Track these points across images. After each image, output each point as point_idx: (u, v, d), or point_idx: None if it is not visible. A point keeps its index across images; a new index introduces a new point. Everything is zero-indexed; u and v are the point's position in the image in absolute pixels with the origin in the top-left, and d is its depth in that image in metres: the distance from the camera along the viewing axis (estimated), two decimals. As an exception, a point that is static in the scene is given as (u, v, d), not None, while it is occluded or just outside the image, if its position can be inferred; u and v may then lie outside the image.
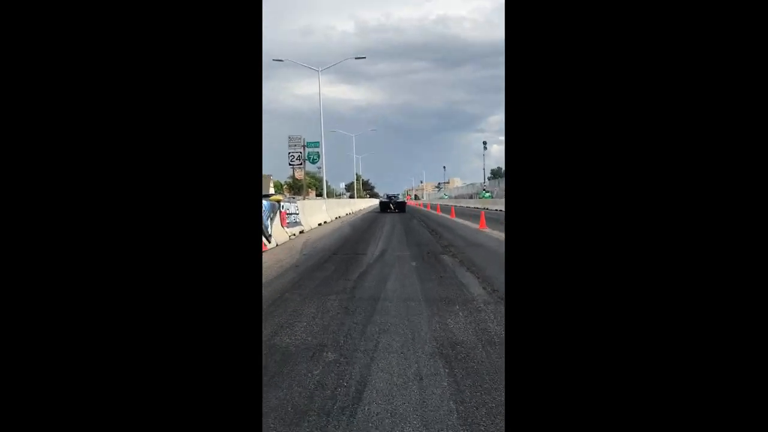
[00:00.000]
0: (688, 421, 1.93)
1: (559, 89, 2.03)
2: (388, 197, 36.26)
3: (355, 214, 30.61)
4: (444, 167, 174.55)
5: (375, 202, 64.10)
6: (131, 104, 2.03)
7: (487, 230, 14.87)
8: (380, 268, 7.77)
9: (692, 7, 1.99)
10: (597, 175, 2.04)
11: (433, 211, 33.52)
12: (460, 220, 20.84)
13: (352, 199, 44.12)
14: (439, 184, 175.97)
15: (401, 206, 33.23)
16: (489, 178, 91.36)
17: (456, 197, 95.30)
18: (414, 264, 8.26)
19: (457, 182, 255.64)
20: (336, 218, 23.72)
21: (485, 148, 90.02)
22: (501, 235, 12.69)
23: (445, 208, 39.07)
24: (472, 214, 26.09)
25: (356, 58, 37.17)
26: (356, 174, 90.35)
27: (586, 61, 2.03)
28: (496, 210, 34.16)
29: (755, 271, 1.92)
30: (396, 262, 8.45)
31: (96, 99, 2.00)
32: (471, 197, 75.03)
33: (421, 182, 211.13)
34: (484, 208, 36.62)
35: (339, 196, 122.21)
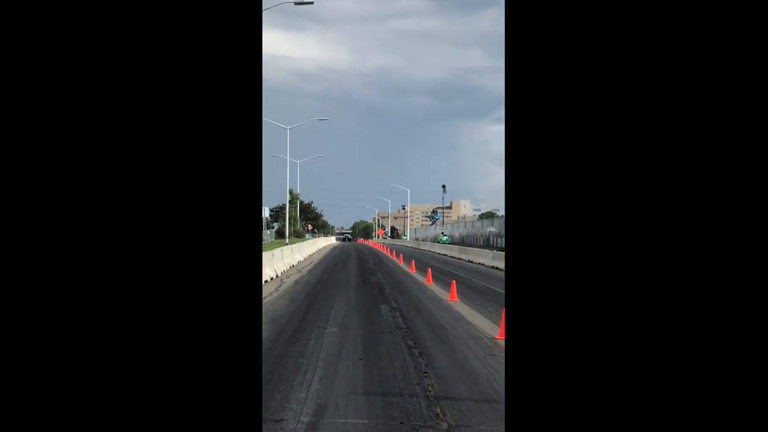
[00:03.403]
0: (683, 423, 2.14)
1: (565, 90, 2.25)
2: (344, 237, 35.65)
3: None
4: (443, 186, 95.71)
5: (327, 243, 57.28)
6: (136, 114, 2.29)
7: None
8: None
9: (691, 8, 2.19)
10: (599, 179, 2.25)
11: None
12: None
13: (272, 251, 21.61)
14: (435, 210, 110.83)
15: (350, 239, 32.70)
16: None
17: (464, 237, 68.71)
18: None
19: (465, 207, 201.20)
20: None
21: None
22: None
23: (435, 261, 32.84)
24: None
25: (298, 3, 26.60)
26: (291, 192, 61.17)
27: (589, 62, 2.24)
28: (491, 267, 28.43)
29: (756, 284, 2.13)
30: None
31: (97, 109, 2.27)
32: (489, 241, 55.89)
33: (403, 207, 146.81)
34: (467, 260, 31.03)
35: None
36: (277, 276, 19.60)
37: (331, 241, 73.33)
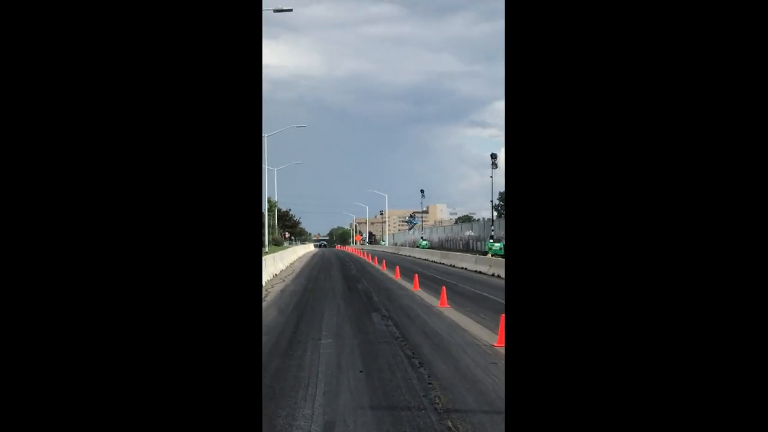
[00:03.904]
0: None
1: (566, 90, 2.25)
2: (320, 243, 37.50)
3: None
4: (422, 191, 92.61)
5: (307, 251, 57.16)
6: (138, 118, 2.32)
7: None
8: None
9: (690, 10, 2.18)
10: (601, 182, 2.24)
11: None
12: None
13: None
14: (412, 214, 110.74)
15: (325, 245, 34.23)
16: (496, 206, 61.50)
17: (443, 241, 68.94)
18: None
19: (442, 211, 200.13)
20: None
21: (494, 162, 49.62)
22: None
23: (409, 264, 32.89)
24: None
25: (277, 11, 27.11)
26: (269, 201, 61.67)
27: (588, 63, 2.25)
28: (494, 274, 28.52)
29: (756, 286, 2.13)
30: None
31: (97, 117, 2.29)
32: (468, 245, 55.38)
33: (381, 212, 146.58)
34: (449, 265, 31.07)
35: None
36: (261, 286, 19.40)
37: (310, 248, 73.57)
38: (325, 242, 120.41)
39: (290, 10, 26.58)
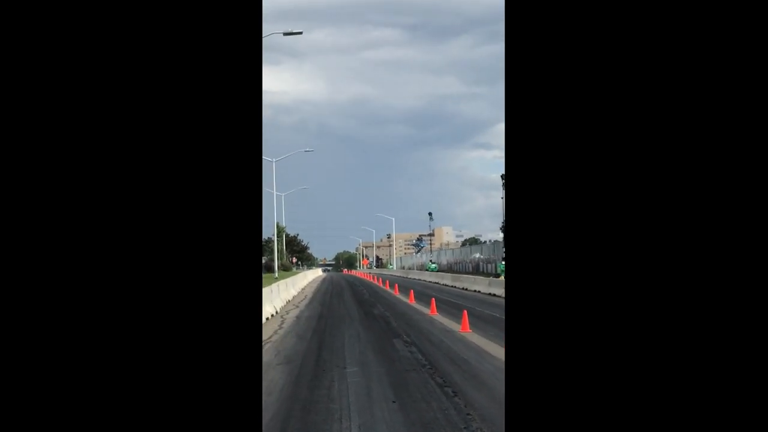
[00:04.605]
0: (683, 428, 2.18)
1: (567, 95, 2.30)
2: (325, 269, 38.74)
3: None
4: (430, 214, 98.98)
5: (316, 276, 56.94)
6: (139, 122, 2.36)
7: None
8: None
9: (690, 14, 2.22)
10: (601, 188, 2.29)
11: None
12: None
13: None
14: (419, 237, 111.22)
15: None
16: (503, 228, 58.04)
17: (451, 264, 66.74)
18: None
19: (448, 233, 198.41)
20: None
21: (504, 184, 48.09)
22: None
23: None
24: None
25: (287, 34, 26.64)
26: (277, 226, 59.32)
27: (588, 68, 2.29)
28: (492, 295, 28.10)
29: (756, 288, 2.16)
30: None
31: (97, 122, 2.33)
32: (478, 268, 54.08)
33: (389, 236, 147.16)
34: (462, 287, 30.72)
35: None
36: (276, 312, 19.16)
37: (318, 272, 73.78)
38: (329, 267, 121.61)
39: (300, 33, 26.68)
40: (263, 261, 64.38)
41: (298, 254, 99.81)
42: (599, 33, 2.34)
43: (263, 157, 38.49)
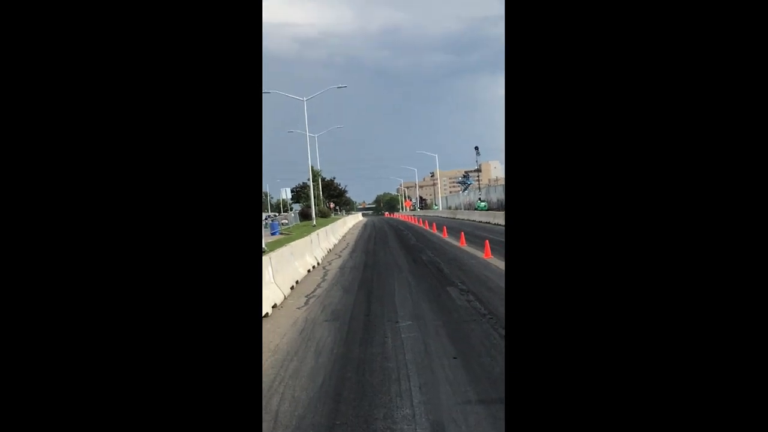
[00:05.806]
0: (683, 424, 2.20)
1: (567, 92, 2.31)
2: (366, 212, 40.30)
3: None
4: (476, 148, 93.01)
5: (357, 221, 56.21)
6: (139, 118, 2.34)
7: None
8: None
9: (690, 11, 2.22)
10: (602, 181, 2.31)
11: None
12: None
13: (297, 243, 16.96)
14: (465, 173, 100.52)
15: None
16: None
17: (502, 201, 58.73)
18: None
19: (496, 168, 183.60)
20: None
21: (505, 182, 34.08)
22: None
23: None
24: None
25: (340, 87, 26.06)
26: (312, 169, 54.71)
27: (589, 63, 2.30)
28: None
29: (757, 284, 2.17)
30: None
31: (94, 105, 2.31)
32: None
33: (432, 174, 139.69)
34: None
35: (278, 212, 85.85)
36: (318, 263, 18.79)
37: (359, 217, 73.69)
38: (369, 211, 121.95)
39: (345, 87, 25.99)
40: (299, 209, 63.25)
41: (336, 199, 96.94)
42: (599, 33, 2.38)
43: (292, 96, 37.41)
